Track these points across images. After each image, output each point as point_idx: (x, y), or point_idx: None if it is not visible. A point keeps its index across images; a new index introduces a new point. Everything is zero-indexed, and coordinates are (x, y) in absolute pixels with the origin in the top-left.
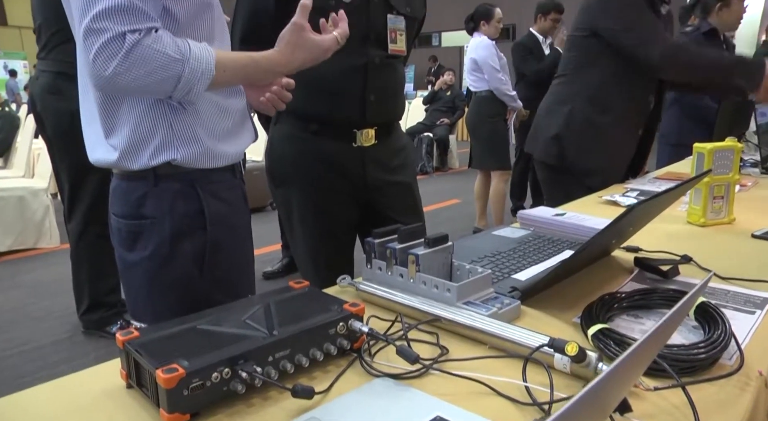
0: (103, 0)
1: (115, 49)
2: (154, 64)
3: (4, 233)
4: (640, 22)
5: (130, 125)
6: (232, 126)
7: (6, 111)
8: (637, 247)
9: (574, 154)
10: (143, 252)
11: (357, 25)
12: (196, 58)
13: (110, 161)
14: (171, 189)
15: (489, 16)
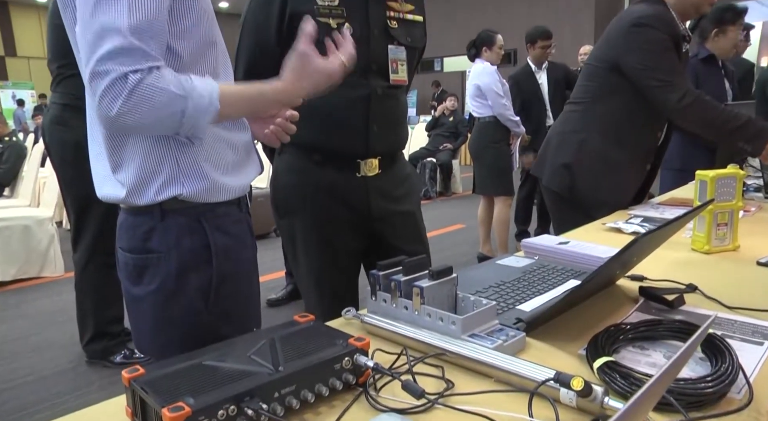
0: (105, 43)
1: (118, 90)
2: (157, 102)
3: (9, 263)
4: (663, 62)
5: (137, 161)
6: (237, 159)
7: (13, 141)
8: (641, 275)
9: (584, 187)
10: (149, 286)
11: (358, 57)
12: (199, 93)
13: (118, 197)
14: (177, 224)
15: (491, 43)
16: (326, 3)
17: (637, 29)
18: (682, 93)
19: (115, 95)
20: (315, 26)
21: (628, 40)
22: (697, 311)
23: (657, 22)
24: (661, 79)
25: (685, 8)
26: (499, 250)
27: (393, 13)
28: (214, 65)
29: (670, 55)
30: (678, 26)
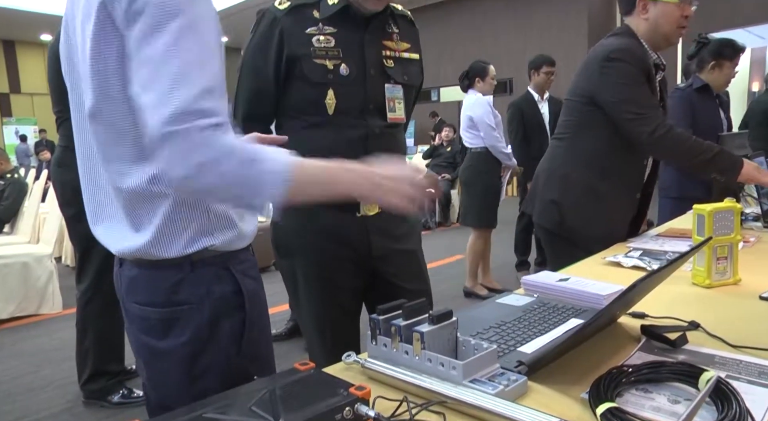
0: (179, 101)
1: (190, 151)
2: (230, 165)
3: (7, 300)
4: (636, 96)
5: (165, 216)
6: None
7: (15, 178)
8: (643, 313)
9: (573, 221)
10: (180, 338)
11: (355, 97)
12: (271, 157)
13: (142, 251)
14: (207, 273)
15: (484, 73)
16: (322, 45)
17: (609, 64)
18: (654, 125)
19: (184, 155)
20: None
21: (601, 75)
22: (701, 350)
23: (628, 56)
24: (634, 112)
25: (656, 40)
26: (468, 279)
27: (389, 52)
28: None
29: (642, 88)
30: (649, 57)
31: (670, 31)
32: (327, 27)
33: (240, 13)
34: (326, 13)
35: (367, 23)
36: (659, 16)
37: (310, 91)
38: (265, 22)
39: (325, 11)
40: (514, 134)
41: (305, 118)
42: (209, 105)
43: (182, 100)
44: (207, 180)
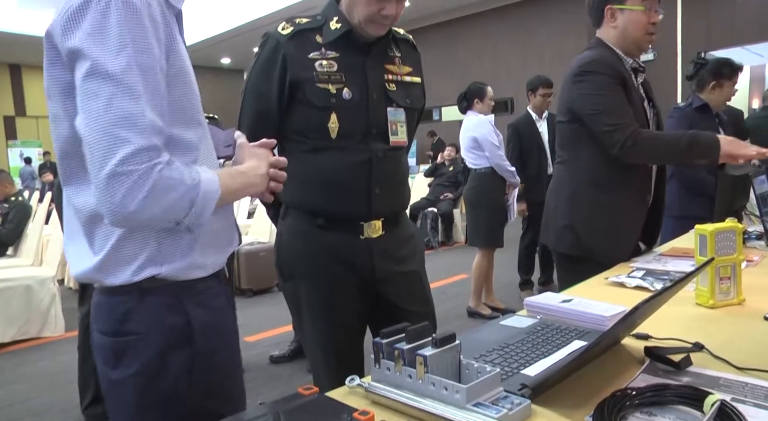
0: (125, 144)
1: (140, 186)
2: (173, 195)
3: (9, 324)
4: (611, 105)
5: (118, 241)
6: (216, 235)
7: (19, 201)
8: (646, 334)
9: (588, 239)
10: (129, 369)
11: (358, 121)
12: (207, 182)
13: (92, 277)
14: (157, 303)
15: (482, 95)
16: (325, 69)
17: (582, 78)
18: (627, 133)
19: (137, 192)
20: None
21: (577, 89)
22: (706, 372)
23: (599, 67)
24: (609, 123)
25: (627, 46)
26: (472, 299)
27: (391, 76)
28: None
29: (616, 97)
30: (622, 64)
31: (639, 37)
32: (330, 51)
33: (240, 36)
34: (329, 38)
35: (370, 48)
36: (627, 23)
37: (314, 115)
38: (269, 46)
39: (327, 36)
40: (510, 154)
41: (308, 142)
42: (153, 143)
43: (133, 143)
44: (149, 214)
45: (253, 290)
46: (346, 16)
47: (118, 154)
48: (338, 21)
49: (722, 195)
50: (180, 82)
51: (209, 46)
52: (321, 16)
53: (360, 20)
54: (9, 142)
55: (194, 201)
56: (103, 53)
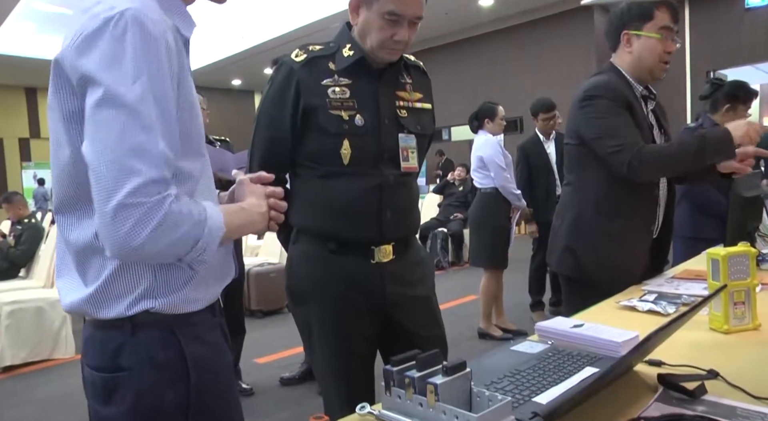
0: (136, 177)
1: (149, 219)
2: (181, 229)
3: (20, 346)
4: (614, 128)
5: (112, 276)
6: (213, 268)
7: (32, 223)
8: (659, 360)
9: (589, 264)
10: (121, 407)
11: (370, 147)
12: (212, 218)
13: (84, 310)
14: (150, 337)
15: (493, 114)
16: (338, 96)
17: (587, 102)
18: (632, 153)
19: (144, 226)
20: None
21: (582, 114)
22: (721, 401)
23: (604, 91)
24: (614, 145)
25: (640, 73)
26: (482, 321)
27: (402, 102)
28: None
29: (621, 119)
30: (629, 89)
31: (653, 64)
32: (342, 78)
33: (251, 58)
34: (341, 65)
35: (381, 74)
36: (642, 49)
37: (326, 142)
38: (282, 73)
39: (340, 63)
40: (519, 175)
41: (320, 168)
42: (163, 175)
43: (144, 175)
44: (155, 249)
45: (263, 311)
46: (359, 43)
47: (128, 186)
48: (351, 48)
49: (734, 217)
50: (188, 112)
51: (220, 67)
52: (334, 44)
53: (373, 46)
54: (23, 163)
55: (200, 237)
56: (117, 81)
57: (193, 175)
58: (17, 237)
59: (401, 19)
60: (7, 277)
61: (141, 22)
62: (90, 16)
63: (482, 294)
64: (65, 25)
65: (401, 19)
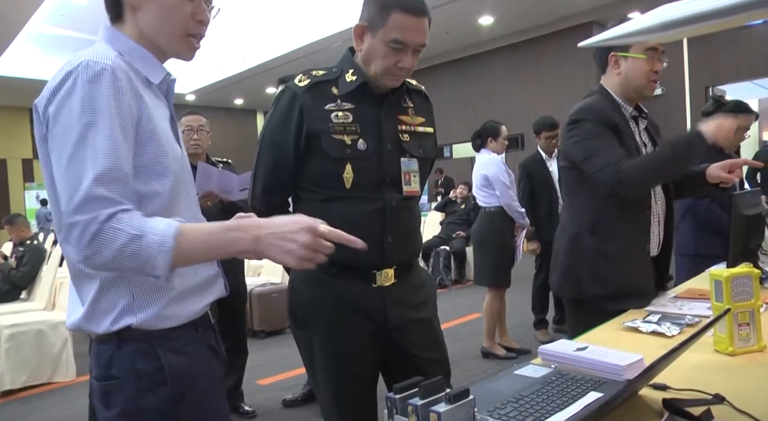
0: (75, 197)
1: (82, 236)
2: (116, 244)
3: (20, 369)
4: (598, 149)
5: (99, 293)
6: (188, 287)
7: (34, 244)
8: (664, 384)
9: (589, 285)
10: (114, 410)
11: (372, 171)
12: (151, 231)
13: (81, 327)
14: (132, 350)
15: (496, 133)
16: (341, 120)
17: (573, 126)
18: (611, 171)
19: (79, 241)
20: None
21: (569, 138)
22: None
23: (587, 114)
24: (597, 164)
25: (629, 93)
26: (485, 340)
27: (405, 126)
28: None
29: (603, 141)
30: (617, 111)
31: (641, 84)
32: (345, 103)
33: (252, 78)
34: (344, 90)
35: (384, 99)
36: (630, 70)
37: (329, 166)
38: (286, 98)
39: (343, 88)
40: (522, 192)
41: (323, 192)
42: (102, 194)
43: (82, 195)
44: (100, 260)
45: (265, 331)
46: (362, 69)
47: (71, 205)
48: (354, 73)
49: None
50: (153, 142)
51: (223, 87)
52: (337, 69)
53: (377, 72)
54: (26, 184)
55: (140, 250)
56: (67, 120)
57: (159, 193)
58: (19, 259)
59: (405, 47)
60: (9, 299)
61: (91, 70)
62: (60, 71)
63: (485, 313)
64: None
65: (405, 47)
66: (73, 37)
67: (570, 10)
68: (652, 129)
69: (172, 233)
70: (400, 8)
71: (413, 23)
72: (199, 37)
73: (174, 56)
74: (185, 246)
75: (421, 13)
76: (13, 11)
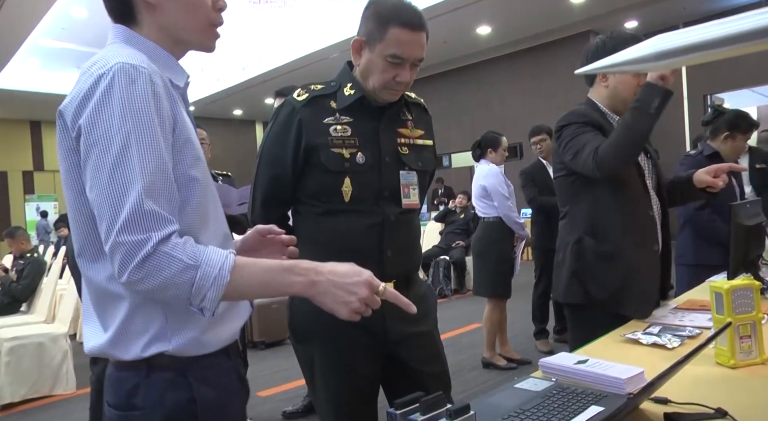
0: (121, 214)
1: (131, 259)
2: (167, 272)
3: (20, 382)
4: (581, 143)
5: (127, 317)
6: (223, 310)
7: (35, 257)
8: (665, 398)
9: (595, 288)
10: None
11: (371, 184)
12: (210, 264)
13: (103, 351)
14: (162, 379)
15: (496, 144)
16: (339, 134)
17: (559, 132)
18: (592, 156)
19: (125, 264)
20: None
21: (558, 144)
22: None
23: (571, 117)
24: (582, 157)
25: (616, 105)
26: (486, 350)
27: (403, 139)
28: (203, 204)
29: (586, 135)
30: (598, 114)
31: (629, 97)
32: (343, 117)
33: (251, 88)
34: (343, 104)
35: (382, 112)
36: (618, 83)
37: (328, 179)
38: (284, 112)
39: (341, 102)
40: (527, 200)
41: (321, 205)
42: (153, 210)
43: (129, 211)
44: (146, 287)
45: (265, 342)
46: (360, 83)
47: (116, 226)
48: (352, 87)
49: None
50: (188, 149)
51: (222, 98)
52: (335, 82)
53: (375, 86)
54: (27, 196)
55: (194, 281)
56: (104, 131)
57: (192, 203)
58: (19, 272)
59: (404, 62)
60: (9, 312)
61: (128, 73)
62: (87, 75)
63: (485, 323)
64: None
65: (404, 62)
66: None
67: (567, 19)
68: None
69: (228, 267)
70: (398, 23)
71: (411, 38)
72: (220, 25)
73: (198, 49)
74: (239, 282)
75: (418, 27)
76: (14, 26)
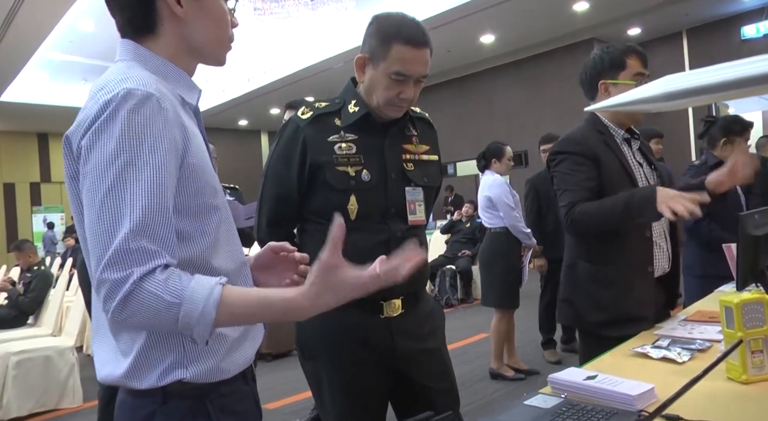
0: (108, 250)
1: (114, 296)
2: (151, 309)
3: (27, 396)
4: (566, 187)
5: (142, 345)
6: (241, 333)
7: (42, 270)
8: (677, 415)
9: (587, 313)
10: None
11: (377, 202)
12: (191, 300)
13: (118, 380)
14: (180, 407)
15: (500, 154)
16: (344, 152)
17: (553, 158)
18: (567, 213)
19: (107, 301)
20: (343, 229)
21: (551, 171)
22: None
23: (567, 146)
24: (562, 201)
25: (620, 118)
26: (493, 361)
27: (409, 155)
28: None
29: (575, 177)
30: (604, 134)
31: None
32: (348, 134)
33: (256, 99)
34: (347, 121)
35: (387, 128)
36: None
37: (333, 198)
38: (289, 131)
39: (346, 119)
40: (528, 209)
41: (327, 223)
42: (140, 247)
43: (115, 248)
44: (131, 323)
45: (272, 354)
46: (364, 99)
47: (103, 261)
48: (356, 104)
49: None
50: (200, 178)
51: (227, 109)
52: (339, 100)
53: (379, 103)
54: (34, 207)
55: (177, 319)
56: (101, 159)
57: (206, 233)
58: (27, 285)
59: (407, 79)
60: (16, 325)
61: (134, 100)
62: (94, 101)
63: (493, 334)
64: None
65: (407, 79)
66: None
67: (570, 27)
68: (645, 149)
69: (213, 303)
70: (401, 41)
71: (414, 55)
72: (233, 41)
73: (211, 62)
74: (228, 312)
75: (422, 44)
76: (23, 40)
